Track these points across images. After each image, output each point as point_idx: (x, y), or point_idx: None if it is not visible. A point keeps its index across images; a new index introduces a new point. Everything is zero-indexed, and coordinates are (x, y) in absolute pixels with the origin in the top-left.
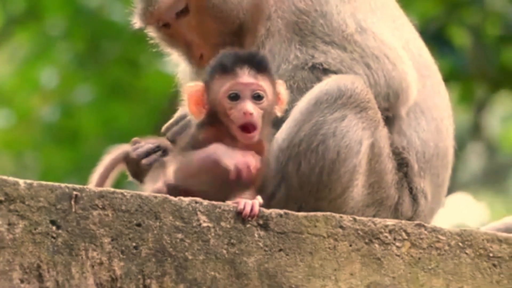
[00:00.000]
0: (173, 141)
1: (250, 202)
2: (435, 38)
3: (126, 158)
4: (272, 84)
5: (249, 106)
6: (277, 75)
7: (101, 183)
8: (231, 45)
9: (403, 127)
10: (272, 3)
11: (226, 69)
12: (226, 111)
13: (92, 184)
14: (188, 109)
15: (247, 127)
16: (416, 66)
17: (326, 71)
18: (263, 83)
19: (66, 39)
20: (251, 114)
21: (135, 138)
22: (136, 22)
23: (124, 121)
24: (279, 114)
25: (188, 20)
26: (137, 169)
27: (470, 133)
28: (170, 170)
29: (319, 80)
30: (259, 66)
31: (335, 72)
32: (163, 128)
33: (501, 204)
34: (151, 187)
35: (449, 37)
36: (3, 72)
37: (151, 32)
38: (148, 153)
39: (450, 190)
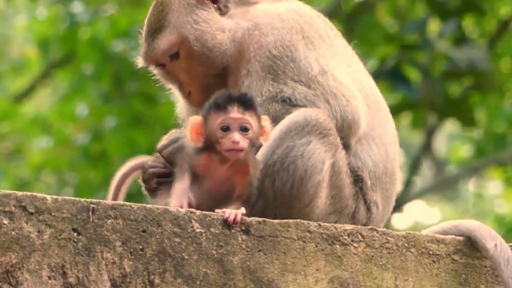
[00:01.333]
0: (168, 159)
1: (234, 212)
2: (392, 75)
3: (143, 168)
4: (257, 119)
5: (236, 136)
6: None
7: (119, 186)
8: (214, 85)
9: (358, 152)
10: (252, 49)
11: (219, 107)
12: (219, 140)
13: (112, 186)
14: (189, 137)
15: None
16: (369, 102)
17: (293, 104)
18: (249, 118)
19: (96, 79)
20: (237, 142)
21: (157, 155)
22: (140, 63)
23: (143, 143)
24: (263, 143)
25: (179, 63)
26: (148, 181)
27: (423, 152)
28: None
29: (287, 111)
30: (247, 104)
31: (299, 106)
32: (158, 146)
33: (449, 208)
34: (163, 202)
35: (403, 74)
36: (46, 104)
37: (153, 71)
38: (160, 176)
39: (408, 199)
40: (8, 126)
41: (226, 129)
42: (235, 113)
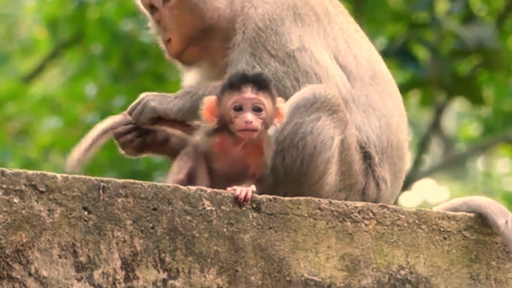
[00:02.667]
0: (136, 119)
1: (245, 190)
2: (401, 53)
3: (113, 132)
4: (272, 100)
5: (249, 116)
6: None
7: (89, 147)
8: (197, 41)
9: (360, 125)
10: (239, 21)
11: (234, 86)
12: (232, 119)
13: (81, 146)
14: (203, 117)
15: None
16: (365, 76)
17: None
18: (263, 99)
19: (105, 58)
20: (250, 122)
21: (123, 113)
22: (139, 4)
23: None
24: (277, 125)
25: (170, 6)
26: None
27: (432, 130)
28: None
29: None
30: (261, 84)
31: None
32: (129, 108)
33: (458, 187)
34: (173, 177)
35: (412, 52)
36: (54, 85)
37: (148, 19)
38: (130, 131)
39: (417, 177)
40: (17, 106)
41: (239, 109)
42: (249, 93)
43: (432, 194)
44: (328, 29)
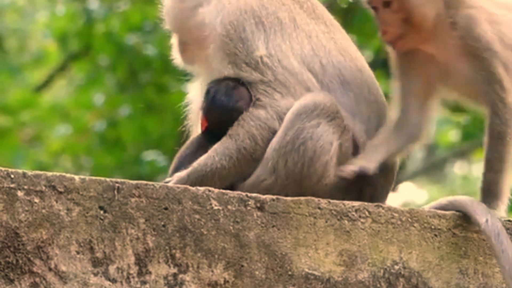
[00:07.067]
0: None
1: None
2: (387, 64)
3: None
4: None
5: None
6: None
7: None
8: None
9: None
10: (208, 30)
11: None
12: None
13: None
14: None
15: None
16: (336, 83)
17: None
18: None
19: (111, 70)
20: None
21: None
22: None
23: (155, 130)
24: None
25: None
26: None
27: None
28: None
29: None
30: None
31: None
32: None
33: (437, 189)
34: None
35: None
36: (63, 94)
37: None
38: None
39: (400, 180)
40: (29, 114)
41: None
42: None
43: (413, 197)
44: (294, 35)
